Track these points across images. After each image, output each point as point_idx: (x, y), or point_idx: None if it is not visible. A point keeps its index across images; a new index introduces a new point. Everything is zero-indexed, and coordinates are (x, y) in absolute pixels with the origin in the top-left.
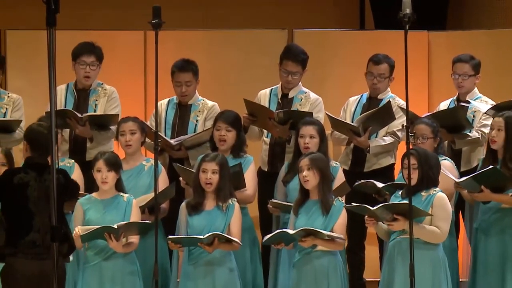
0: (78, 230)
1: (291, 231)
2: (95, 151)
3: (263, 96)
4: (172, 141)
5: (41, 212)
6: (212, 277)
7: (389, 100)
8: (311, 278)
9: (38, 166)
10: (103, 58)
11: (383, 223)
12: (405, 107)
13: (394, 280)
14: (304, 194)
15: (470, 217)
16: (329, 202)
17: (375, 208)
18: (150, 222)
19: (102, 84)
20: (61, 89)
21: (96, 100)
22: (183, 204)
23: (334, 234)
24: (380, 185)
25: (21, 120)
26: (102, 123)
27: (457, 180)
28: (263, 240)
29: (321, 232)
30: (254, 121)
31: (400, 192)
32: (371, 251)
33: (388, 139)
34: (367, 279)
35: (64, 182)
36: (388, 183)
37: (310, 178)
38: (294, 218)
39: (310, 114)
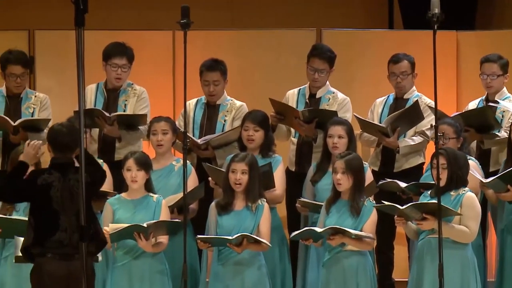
0: (107, 228)
1: (318, 229)
2: (124, 151)
3: (291, 96)
4: (198, 141)
5: (67, 212)
6: (242, 278)
7: (417, 99)
8: (340, 278)
9: (62, 166)
10: (134, 58)
11: (412, 223)
12: (433, 106)
13: (423, 280)
14: (336, 193)
15: (493, 217)
16: (360, 203)
17: (404, 207)
18: (179, 220)
19: (132, 84)
20: (91, 88)
21: (126, 100)
22: (213, 204)
23: (362, 233)
24: (403, 185)
25: (50, 119)
26: (130, 123)
27: (484, 180)
28: (291, 236)
29: (348, 231)
30: (282, 120)
31: (429, 192)
32: (400, 251)
33: (417, 139)
34: (396, 279)
35: (91, 181)
36: (412, 183)
37: (343, 181)
38: (324, 216)
39: (334, 112)
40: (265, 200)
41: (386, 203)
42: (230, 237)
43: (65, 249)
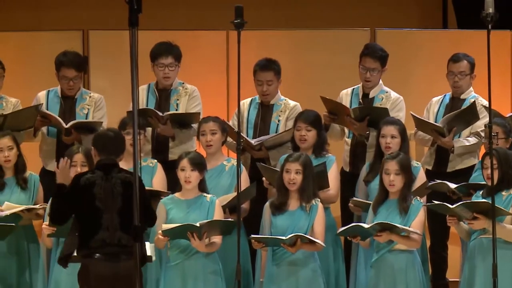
0: (160, 231)
1: (366, 225)
2: (177, 150)
3: (345, 96)
4: (252, 141)
5: (109, 210)
6: (296, 278)
7: (474, 100)
8: (389, 278)
9: (106, 166)
10: (182, 56)
11: (464, 223)
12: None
13: (475, 280)
14: (384, 193)
15: None
16: (408, 202)
17: (454, 206)
18: (233, 220)
19: (183, 83)
20: (142, 89)
21: (178, 99)
22: (267, 204)
23: (410, 229)
24: (453, 185)
25: (102, 122)
26: (183, 121)
27: None
28: (338, 231)
29: (396, 227)
30: (335, 119)
31: (481, 192)
32: (454, 251)
33: (472, 140)
34: (449, 279)
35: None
36: (462, 184)
37: (396, 182)
38: (372, 216)
39: (385, 110)
40: (319, 200)
41: (435, 202)
42: (284, 237)
43: (108, 248)
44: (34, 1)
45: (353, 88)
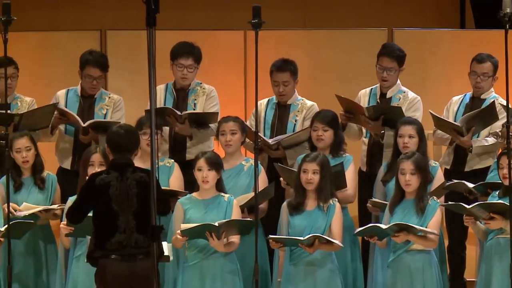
0: (179, 231)
1: (383, 226)
2: (195, 150)
3: (363, 96)
4: (270, 141)
5: (125, 212)
6: (313, 278)
7: (493, 100)
8: (406, 278)
9: (120, 166)
10: (202, 58)
11: (481, 222)
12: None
13: (492, 280)
14: (400, 193)
15: None
16: (425, 202)
17: (471, 206)
18: (251, 220)
19: (201, 83)
20: (160, 89)
21: (195, 99)
22: (285, 204)
23: (427, 229)
24: (471, 185)
25: (120, 122)
26: (201, 121)
27: None
28: (355, 232)
29: (414, 227)
30: (351, 118)
31: (497, 192)
32: (472, 251)
33: (491, 140)
34: (467, 279)
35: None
36: (480, 183)
37: (412, 182)
38: (389, 216)
39: (399, 108)
40: (336, 199)
41: (451, 202)
42: (302, 238)
43: (124, 250)
44: (52, 1)
45: (371, 88)
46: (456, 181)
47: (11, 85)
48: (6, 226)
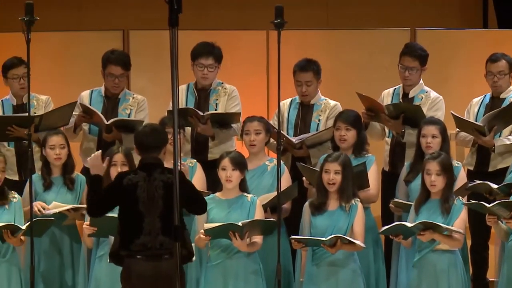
0: (202, 231)
1: (409, 224)
2: (217, 150)
3: (386, 96)
4: (293, 140)
5: (151, 214)
6: (336, 279)
7: None
8: (431, 278)
9: (149, 166)
10: (222, 57)
11: (502, 222)
12: None
13: None
14: (426, 193)
15: None
16: (450, 202)
17: (491, 205)
18: (274, 220)
19: (222, 83)
20: (182, 89)
21: (217, 99)
22: (307, 204)
23: (453, 228)
24: (494, 186)
25: (143, 121)
26: (223, 121)
27: None
28: (381, 230)
29: (440, 226)
30: (373, 117)
31: None
32: (494, 251)
33: None
34: (490, 279)
35: (180, 184)
36: (504, 183)
37: (438, 183)
38: (414, 216)
39: (418, 107)
40: (358, 200)
41: (472, 202)
42: (324, 238)
43: (149, 251)
44: (75, 1)
45: (394, 88)
46: (479, 181)
47: (24, 85)
48: (27, 224)
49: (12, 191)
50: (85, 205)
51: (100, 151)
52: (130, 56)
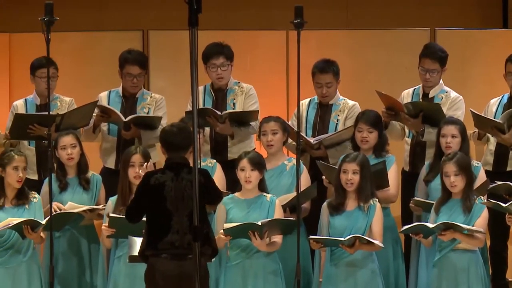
0: (222, 231)
1: (430, 225)
2: (236, 149)
3: (406, 96)
4: (311, 140)
5: (179, 212)
6: (354, 279)
7: None
8: (452, 277)
9: (176, 165)
10: (233, 55)
11: None
12: None
13: None
14: (447, 194)
15: None
16: (471, 201)
17: (507, 204)
18: (293, 219)
19: (239, 82)
20: (199, 90)
21: (234, 98)
22: (325, 204)
23: (474, 228)
24: None
25: (161, 117)
26: (241, 119)
27: None
28: (401, 230)
29: (460, 226)
30: (393, 116)
31: None
32: None
33: None
34: (509, 279)
35: (204, 182)
36: None
37: (458, 183)
38: (434, 216)
39: (437, 105)
40: (377, 200)
41: (491, 201)
42: (342, 238)
43: (177, 250)
44: (95, 2)
45: (414, 88)
46: (500, 182)
47: (51, 86)
48: (47, 218)
49: (33, 191)
50: (101, 206)
51: (152, 163)
52: (149, 56)
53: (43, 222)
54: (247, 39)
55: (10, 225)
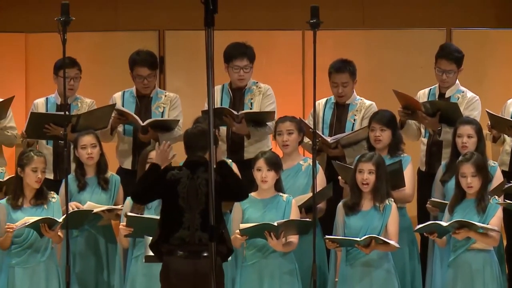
0: (238, 231)
1: (444, 223)
2: (253, 149)
3: (422, 96)
4: (328, 139)
5: (191, 209)
6: (370, 279)
7: None
8: (467, 277)
9: (193, 164)
10: (255, 57)
11: None
12: None
13: None
14: (461, 194)
15: None
16: (486, 201)
17: None
18: (309, 220)
19: (257, 82)
20: (217, 89)
21: (252, 98)
22: (340, 204)
23: (488, 226)
24: None
25: (179, 120)
26: (258, 120)
27: None
28: (415, 228)
29: (475, 224)
30: (410, 115)
31: None
32: None
33: None
34: None
35: (221, 181)
36: None
37: (474, 184)
38: (448, 216)
39: (455, 104)
40: (392, 200)
41: (507, 201)
42: (358, 238)
43: (187, 246)
44: (111, 2)
45: (430, 89)
46: None
47: (73, 87)
48: (64, 216)
49: (51, 191)
50: (119, 206)
51: (169, 142)
52: (165, 56)
53: (60, 220)
54: (263, 39)
55: (27, 224)
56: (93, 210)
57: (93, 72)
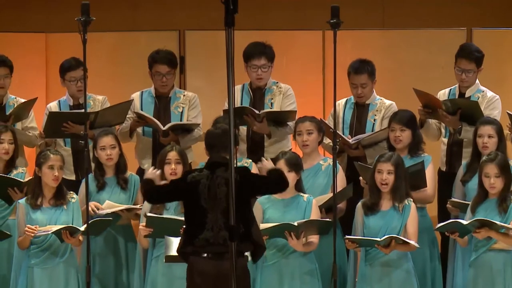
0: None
1: (465, 222)
2: (273, 149)
3: (442, 96)
4: (349, 140)
5: (214, 210)
6: (389, 279)
7: None
8: (488, 278)
9: (214, 164)
10: (275, 56)
11: None
12: None
13: None
14: (484, 193)
15: None
16: (508, 201)
17: None
18: (330, 220)
19: (277, 82)
20: (237, 89)
21: (272, 98)
22: (359, 204)
23: (509, 226)
24: None
25: (199, 124)
26: (279, 119)
27: None
28: (436, 227)
29: (495, 223)
30: (429, 114)
31: None
32: None
33: None
34: None
35: (240, 180)
36: None
37: (497, 185)
38: (470, 216)
39: (475, 103)
40: (412, 200)
41: None
42: (378, 239)
43: (211, 247)
44: (131, 2)
45: (450, 89)
46: None
47: (81, 88)
48: (85, 226)
49: (71, 192)
50: (138, 206)
51: (159, 171)
52: (185, 56)
53: (82, 228)
54: (283, 39)
55: (49, 232)
56: (112, 219)
57: (113, 72)
